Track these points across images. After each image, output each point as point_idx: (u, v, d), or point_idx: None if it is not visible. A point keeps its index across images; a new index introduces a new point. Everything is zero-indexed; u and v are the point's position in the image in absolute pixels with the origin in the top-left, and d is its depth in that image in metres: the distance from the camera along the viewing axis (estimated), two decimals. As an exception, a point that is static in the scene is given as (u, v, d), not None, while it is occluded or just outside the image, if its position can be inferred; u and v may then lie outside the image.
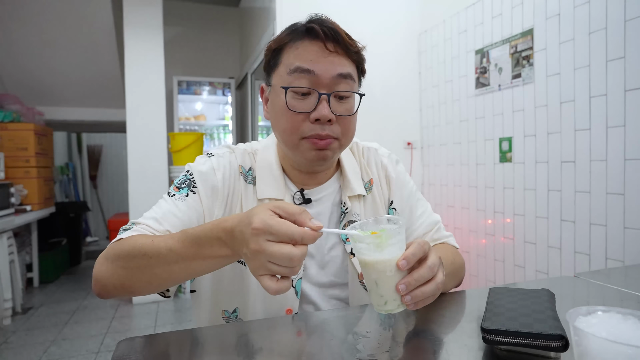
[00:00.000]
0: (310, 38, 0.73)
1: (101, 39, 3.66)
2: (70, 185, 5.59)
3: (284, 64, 0.75)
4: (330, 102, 0.72)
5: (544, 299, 0.63)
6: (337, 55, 0.73)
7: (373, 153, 0.92)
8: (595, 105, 1.55)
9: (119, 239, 0.68)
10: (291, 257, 0.49)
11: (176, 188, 0.77)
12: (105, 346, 2.55)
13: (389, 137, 2.60)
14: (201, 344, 0.63)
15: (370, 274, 0.56)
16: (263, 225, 0.50)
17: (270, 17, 2.77)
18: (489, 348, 0.57)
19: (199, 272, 0.61)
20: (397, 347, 0.59)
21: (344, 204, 0.83)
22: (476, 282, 2.24)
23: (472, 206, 2.24)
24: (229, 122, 4.33)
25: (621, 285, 0.85)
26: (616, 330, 0.40)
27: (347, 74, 0.74)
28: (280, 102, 0.74)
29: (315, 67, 0.71)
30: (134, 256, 0.62)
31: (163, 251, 0.60)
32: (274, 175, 0.81)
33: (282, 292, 0.52)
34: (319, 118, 0.71)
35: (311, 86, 0.72)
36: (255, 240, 0.50)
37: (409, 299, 0.55)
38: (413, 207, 0.91)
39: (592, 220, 1.57)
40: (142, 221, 0.72)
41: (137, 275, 0.63)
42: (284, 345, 0.62)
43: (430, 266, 0.57)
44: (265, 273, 0.51)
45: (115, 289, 0.65)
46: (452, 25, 2.37)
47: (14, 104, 3.68)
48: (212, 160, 0.80)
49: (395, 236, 0.55)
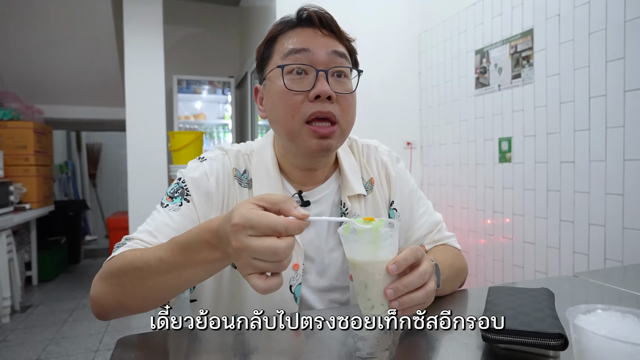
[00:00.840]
0: (302, 25, 0.72)
1: (101, 37, 3.65)
2: (70, 183, 5.59)
3: (277, 52, 0.73)
4: (329, 80, 0.70)
5: (543, 298, 0.63)
6: (331, 38, 0.72)
7: (373, 151, 0.90)
8: (595, 105, 1.55)
9: (111, 257, 0.66)
10: (275, 250, 0.46)
11: (169, 198, 0.74)
12: (104, 345, 2.55)
13: (388, 137, 2.60)
14: (200, 342, 0.63)
15: (359, 276, 0.55)
16: (242, 220, 0.47)
17: (270, 16, 2.77)
18: (488, 346, 0.57)
19: (193, 280, 0.59)
20: (396, 345, 0.59)
21: (343, 204, 0.81)
22: (475, 282, 2.24)
23: (471, 206, 2.25)
24: (228, 121, 4.33)
25: (620, 284, 0.85)
26: (615, 328, 0.40)
27: (342, 53, 0.73)
28: (276, 88, 0.72)
29: (310, 45, 0.70)
30: (125, 272, 0.60)
31: (153, 262, 0.58)
32: (270, 177, 0.78)
33: (273, 290, 0.49)
34: (319, 95, 0.69)
35: (307, 63, 0.70)
36: (235, 237, 0.48)
37: (396, 304, 0.54)
38: (414, 206, 0.89)
39: (591, 221, 1.57)
40: (135, 236, 0.70)
41: (131, 291, 0.61)
42: (282, 344, 0.62)
43: (422, 273, 0.55)
44: (252, 272, 0.49)
45: (113, 308, 0.64)
46: (452, 25, 2.37)
47: (13, 101, 3.68)
48: (204, 165, 0.77)
49: (387, 239, 0.53)
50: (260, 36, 3.28)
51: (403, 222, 0.87)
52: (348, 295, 0.80)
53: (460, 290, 0.84)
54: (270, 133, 0.84)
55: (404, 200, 0.88)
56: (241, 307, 0.76)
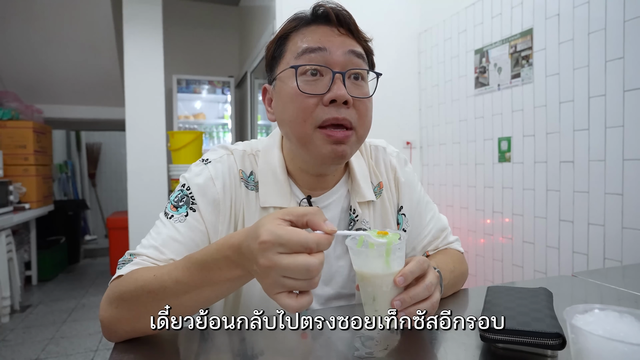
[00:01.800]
0: (318, 22, 0.67)
1: (100, 36, 3.65)
2: (69, 183, 5.58)
3: (290, 50, 0.68)
4: (346, 83, 0.65)
5: (542, 298, 0.63)
6: (348, 37, 0.67)
7: (381, 152, 0.86)
8: (594, 105, 1.55)
9: (118, 276, 0.62)
10: (308, 267, 0.44)
11: (173, 207, 0.70)
12: (103, 344, 2.55)
13: (388, 137, 2.58)
14: (200, 341, 0.63)
15: (367, 288, 0.55)
16: (271, 237, 0.44)
17: (270, 16, 2.77)
18: (486, 346, 0.57)
19: (211, 299, 0.56)
20: (395, 345, 0.59)
21: (353, 210, 0.77)
22: (474, 282, 2.24)
23: (471, 206, 2.25)
24: (228, 121, 4.33)
25: (619, 284, 0.85)
26: (613, 328, 0.40)
27: (360, 54, 0.68)
28: (288, 89, 0.67)
29: (326, 44, 0.65)
30: (138, 296, 0.57)
31: (169, 284, 0.55)
32: (278, 180, 0.73)
33: (304, 309, 0.46)
34: (334, 99, 0.64)
35: (323, 63, 0.65)
36: (264, 255, 0.45)
37: (403, 315, 0.54)
38: (422, 212, 0.87)
39: (591, 220, 1.57)
40: (141, 251, 0.66)
41: (146, 316, 0.56)
42: (282, 343, 0.62)
43: (428, 285, 0.56)
44: (281, 290, 0.46)
45: (126, 333, 0.60)
46: (451, 25, 2.37)
47: (12, 101, 3.67)
48: (209, 168, 0.73)
49: (395, 252, 0.54)
50: (260, 36, 3.25)
51: (411, 228, 0.86)
52: (353, 303, 0.79)
53: (459, 290, 0.84)
54: (276, 132, 0.80)
55: (412, 207, 0.86)
56: (244, 311, 0.74)
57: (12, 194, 3.23)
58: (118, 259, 0.68)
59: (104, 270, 4.45)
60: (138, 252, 0.67)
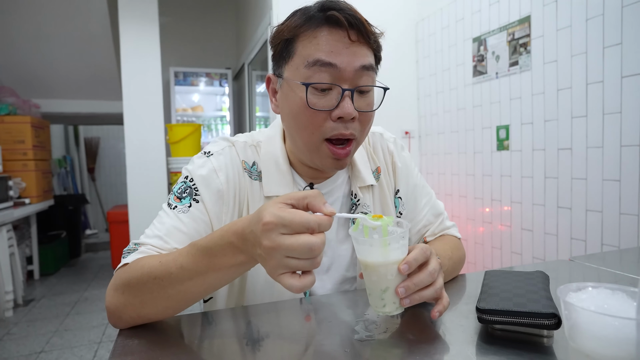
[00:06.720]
0: (329, 26, 0.66)
1: (96, 30, 3.62)
2: (69, 178, 5.59)
3: (299, 55, 0.67)
4: (353, 98, 0.67)
5: (538, 280, 0.64)
6: (359, 45, 0.67)
7: (379, 138, 0.89)
8: (592, 92, 1.55)
9: (124, 264, 0.64)
10: (311, 246, 0.45)
11: (177, 198, 0.71)
12: (107, 336, 2.58)
13: (386, 126, 2.56)
14: (204, 328, 0.64)
15: (371, 276, 0.56)
16: (274, 218, 0.46)
17: (266, 7, 2.75)
18: (484, 328, 0.58)
19: (215, 285, 0.58)
20: (395, 328, 0.60)
21: (354, 195, 0.80)
22: (474, 269, 2.26)
23: (469, 194, 2.26)
24: (226, 113, 4.32)
25: (616, 267, 0.86)
26: (604, 304, 0.41)
27: (370, 66, 0.69)
28: (297, 99, 0.68)
29: (337, 59, 0.65)
30: (144, 282, 0.58)
31: (174, 270, 0.56)
32: (280, 170, 0.76)
33: (307, 289, 0.48)
34: (342, 116, 0.66)
35: (333, 81, 0.66)
36: (267, 237, 0.46)
37: (407, 302, 0.55)
38: (418, 196, 0.90)
39: (588, 207, 1.58)
40: (146, 241, 0.67)
41: (151, 302, 0.59)
42: (284, 327, 0.63)
43: (431, 272, 0.56)
44: (284, 271, 0.48)
45: (132, 319, 0.61)
46: (449, 13, 2.36)
47: (9, 96, 3.66)
48: (211, 160, 0.74)
49: (399, 240, 0.55)
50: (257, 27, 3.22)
51: (406, 212, 0.88)
52: (356, 285, 0.81)
53: (457, 275, 0.85)
54: (277, 124, 0.81)
55: (409, 191, 0.88)
56: (250, 301, 0.75)
57: (12, 189, 3.24)
58: (119, 253, 0.69)
59: (105, 264, 4.48)
60: (142, 241, 0.68)
